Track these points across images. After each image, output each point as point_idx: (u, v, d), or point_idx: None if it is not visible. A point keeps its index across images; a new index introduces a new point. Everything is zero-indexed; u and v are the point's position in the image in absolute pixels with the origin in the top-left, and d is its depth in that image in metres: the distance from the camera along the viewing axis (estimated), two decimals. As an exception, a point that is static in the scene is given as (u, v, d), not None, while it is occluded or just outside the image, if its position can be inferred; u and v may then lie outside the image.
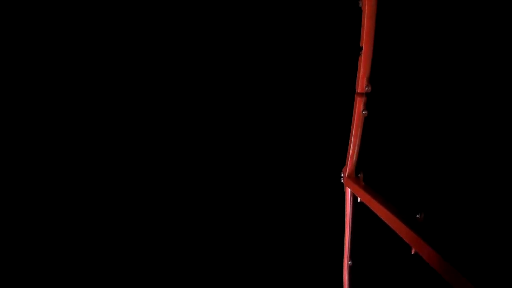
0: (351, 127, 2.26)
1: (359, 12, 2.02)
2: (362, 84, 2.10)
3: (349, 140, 2.30)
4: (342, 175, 2.46)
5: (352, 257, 2.68)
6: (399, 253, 1.62)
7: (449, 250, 1.23)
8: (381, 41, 2.08)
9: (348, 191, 2.46)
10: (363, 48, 2.07)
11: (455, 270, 1.12)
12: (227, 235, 3.71)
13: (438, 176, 2.26)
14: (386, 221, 1.71)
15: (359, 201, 2.22)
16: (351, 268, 2.72)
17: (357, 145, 2.27)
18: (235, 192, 3.67)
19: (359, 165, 2.33)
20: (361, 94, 2.12)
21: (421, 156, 2.36)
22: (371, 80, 2.10)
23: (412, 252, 1.45)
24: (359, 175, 2.31)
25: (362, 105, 2.12)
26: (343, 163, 2.42)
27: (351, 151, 2.32)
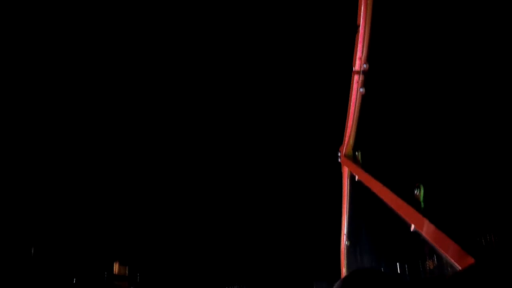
0: (348, 106, 2.24)
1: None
2: (359, 62, 2.08)
3: (346, 119, 2.29)
4: (339, 154, 2.45)
5: (349, 236, 2.69)
6: (398, 231, 1.62)
7: (450, 226, 1.23)
8: (378, 19, 2.06)
9: (345, 170, 2.46)
10: (360, 26, 2.05)
11: (457, 245, 1.12)
12: (228, 210, 3.72)
13: (435, 154, 2.26)
14: (384, 200, 1.71)
15: (356, 180, 2.22)
16: (348, 248, 2.73)
17: (354, 123, 2.25)
18: (232, 172, 3.67)
19: (357, 144, 2.33)
20: (358, 72, 2.09)
21: (418, 134, 2.36)
22: (368, 58, 2.08)
23: (412, 230, 1.45)
24: (356, 154, 2.31)
25: (359, 83, 2.10)
26: (340, 142, 2.41)
27: (348, 130, 2.31)
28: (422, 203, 1.44)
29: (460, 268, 1.11)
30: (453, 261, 1.14)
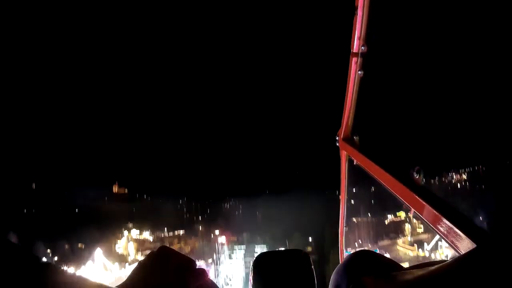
0: (346, 89, 2.21)
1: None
2: (357, 44, 2.04)
3: (344, 102, 2.26)
4: (337, 138, 2.43)
5: (348, 222, 2.69)
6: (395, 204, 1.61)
7: (449, 209, 1.21)
8: (376, 0, 2.02)
9: (343, 154, 2.44)
10: (358, 7, 2.01)
11: (457, 229, 1.11)
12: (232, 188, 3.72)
13: (434, 137, 2.23)
14: (384, 184, 1.70)
15: (355, 163, 2.20)
16: (347, 233, 2.73)
17: (352, 107, 2.23)
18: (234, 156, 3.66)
19: (355, 128, 2.30)
20: (356, 54, 2.06)
21: (417, 117, 2.33)
22: (366, 39, 2.04)
23: (411, 214, 1.45)
24: (354, 137, 2.28)
25: (357, 66, 2.07)
26: (338, 125, 2.39)
27: (346, 113, 2.28)
28: (422, 186, 1.42)
29: (461, 252, 1.10)
30: (453, 245, 1.13)
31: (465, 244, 1.09)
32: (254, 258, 1.24)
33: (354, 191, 2.64)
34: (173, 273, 0.70)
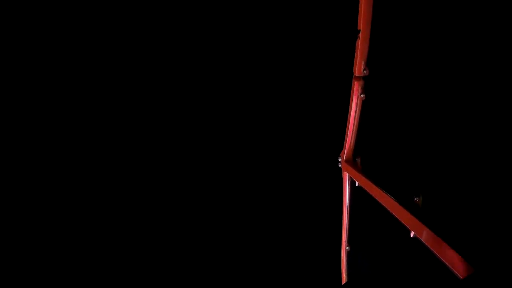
0: (349, 111, 2.24)
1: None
2: (359, 68, 2.07)
3: (347, 124, 2.28)
4: (339, 160, 2.45)
5: (350, 242, 2.68)
6: (398, 237, 1.62)
7: (449, 233, 1.22)
8: (379, 24, 2.05)
9: (346, 176, 2.45)
10: (360, 31, 2.04)
11: (456, 252, 1.12)
12: (229, 215, 3.72)
13: (436, 160, 2.25)
14: (384, 205, 1.71)
15: (357, 185, 2.21)
16: (349, 253, 2.72)
17: (354, 129, 2.25)
18: (234, 176, 3.67)
19: (357, 150, 2.32)
20: (358, 78, 2.09)
21: (419, 140, 2.35)
22: (368, 63, 2.07)
23: (411, 236, 1.45)
24: (356, 159, 2.30)
25: (359, 89, 2.10)
26: (340, 147, 2.40)
27: (348, 135, 2.30)
28: (422, 210, 1.44)
29: (459, 276, 1.10)
30: (452, 269, 1.14)
31: (465, 268, 1.10)
32: None
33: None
34: None
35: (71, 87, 3.30)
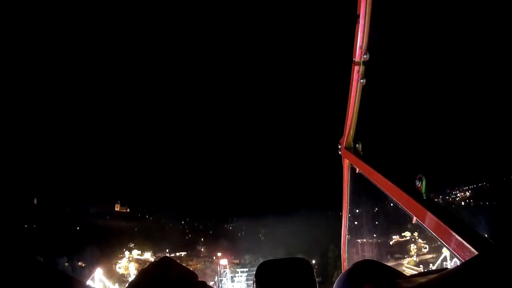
0: (349, 97, 2.21)
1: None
2: (359, 53, 2.05)
3: (347, 110, 2.26)
4: (339, 146, 2.43)
5: (350, 230, 2.67)
6: (400, 223, 1.61)
7: (452, 218, 1.21)
8: (379, 8, 2.02)
9: (346, 163, 2.43)
10: (360, 16, 2.01)
11: (459, 237, 1.10)
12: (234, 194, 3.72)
13: (436, 144, 2.23)
14: (386, 192, 1.69)
15: (357, 172, 2.19)
16: (349, 241, 2.72)
17: (354, 115, 2.23)
18: (237, 158, 3.66)
19: (357, 136, 2.30)
20: (358, 63, 2.06)
21: (420, 125, 2.33)
22: (368, 48, 2.05)
23: (413, 221, 1.44)
24: (357, 145, 2.28)
25: (359, 74, 2.07)
26: (340, 133, 2.38)
27: (348, 121, 2.28)
28: (424, 195, 1.42)
29: (463, 260, 1.09)
30: (455, 253, 1.13)
31: (467, 252, 1.08)
32: (257, 267, 1.23)
33: (358, 210, 2.63)
34: (175, 282, 0.69)
35: (71, 87, 3.27)
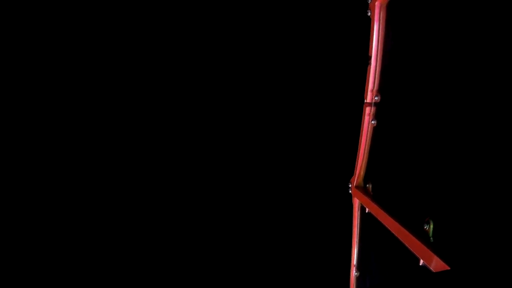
0: (360, 137, 2.24)
1: (367, 20, 2.02)
2: (371, 94, 2.09)
3: (358, 150, 2.28)
4: (350, 186, 2.44)
5: (359, 268, 2.64)
6: (407, 264, 1.59)
7: (458, 262, 1.21)
8: (390, 50, 2.07)
9: (356, 202, 2.43)
10: (371, 57, 2.06)
11: (465, 282, 1.10)
12: (240, 242, 3.70)
13: (447, 188, 2.22)
14: (394, 233, 1.69)
15: (367, 211, 2.20)
16: (358, 279, 2.68)
17: (365, 155, 2.25)
18: (246, 202, 3.66)
19: (367, 176, 2.31)
20: (369, 104, 2.10)
21: (430, 167, 2.33)
22: (380, 89, 2.08)
23: (420, 264, 1.43)
24: (367, 185, 2.29)
25: (370, 115, 2.11)
26: (351, 173, 2.39)
27: (359, 161, 2.30)
28: (431, 238, 1.42)
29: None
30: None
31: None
32: None
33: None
34: None
35: (70, 87, 3.35)
